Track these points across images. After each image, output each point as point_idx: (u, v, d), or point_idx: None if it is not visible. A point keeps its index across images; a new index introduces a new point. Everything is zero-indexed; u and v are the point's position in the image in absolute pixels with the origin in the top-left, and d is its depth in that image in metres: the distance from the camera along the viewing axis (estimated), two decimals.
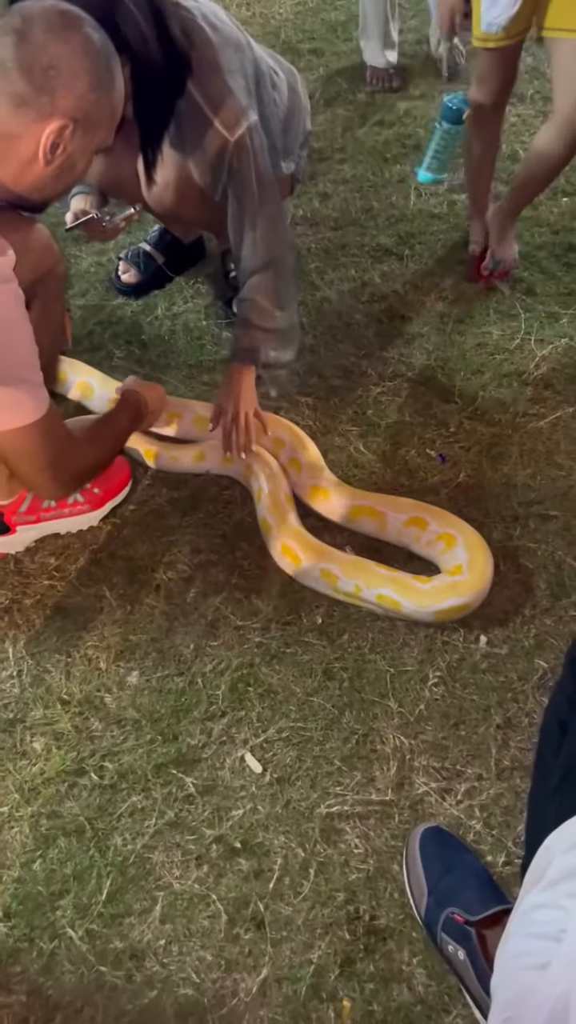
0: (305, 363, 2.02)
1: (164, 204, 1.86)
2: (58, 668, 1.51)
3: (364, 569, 1.56)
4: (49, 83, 1.21)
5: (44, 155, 1.24)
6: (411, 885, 1.25)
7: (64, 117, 1.23)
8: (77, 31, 1.23)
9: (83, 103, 1.24)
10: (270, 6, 3.48)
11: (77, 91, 1.23)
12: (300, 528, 1.64)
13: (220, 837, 1.32)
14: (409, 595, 1.52)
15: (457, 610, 1.52)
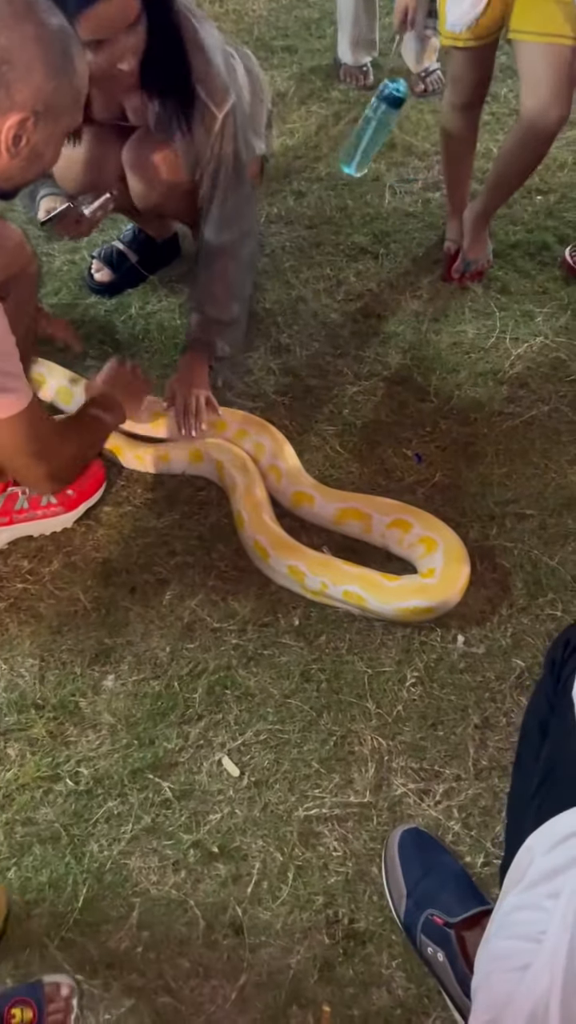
0: (280, 362, 2.01)
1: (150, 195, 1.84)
2: (32, 673, 1.49)
3: (330, 566, 1.56)
4: (3, 78, 1.17)
5: (7, 148, 1.22)
6: (390, 887, 1.25)
7: (23, 110, 1.20)
8: (27, 20, 1.19)
9: (41, 93, 1.20)
10: (243, 2, 3.45)
11: (33, 82, 1.19)
12: (272, 524, 1.63)
13: (197, 842, 1.31)
14: (373, 591, 1.52)
15: (421, 612, 1.52)
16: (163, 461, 1.77)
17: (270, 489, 1.72)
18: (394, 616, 1.53)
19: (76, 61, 1.26)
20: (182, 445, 1.78)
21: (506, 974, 0.90)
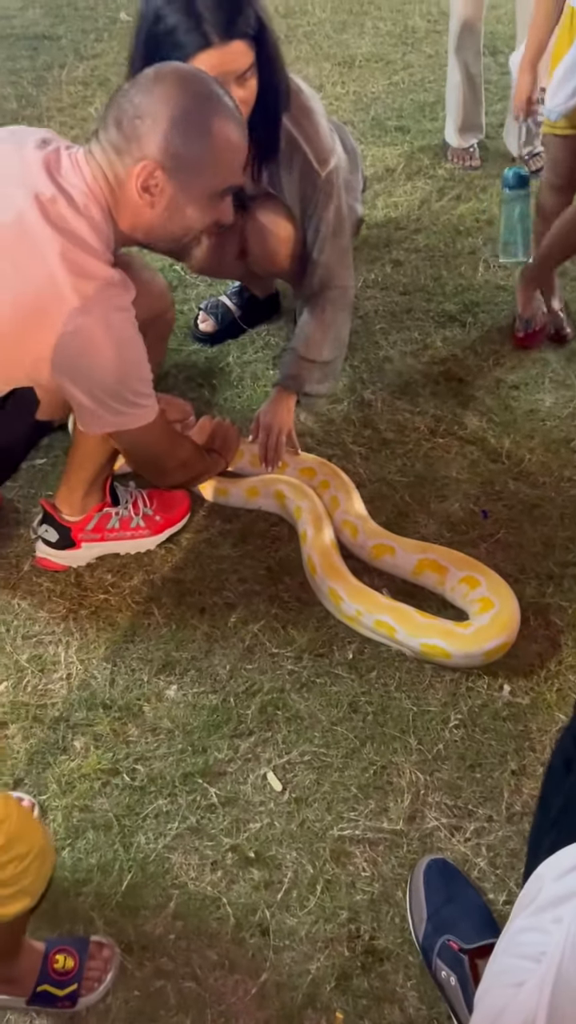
0: (361, 415, 2.14)
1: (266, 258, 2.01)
2: (103, 675, 1.62)
3: (367, 597, 1.66)
4: (136, 131, 1.36)
5: (140, 195, 1.38)
6: (412, 910, 1.31)
7: (151, 159, 1.37)
8: (163, 83, 1.37)
9: (168, 145, 1.36)
10: (364, 84, 3.70)
11: (159, 135, 1.35)
12: (330, 548, 1.75)
13: (236, 846, 1.40)
14: (404, 623, 1.62)
15: (440, 654, 1.60)
16: (251, 497, 1.92)
17: (346, 543, 1.82)
18: (419, 652, 1.62)
19: (215, 123, 1.39)
20: (260, 483, 1.92)
21: (503, 989, 0.96)
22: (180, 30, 1.59)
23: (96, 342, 1.38)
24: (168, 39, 1.60)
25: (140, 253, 1.83)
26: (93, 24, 3.79)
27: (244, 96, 1.69)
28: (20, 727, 1.55)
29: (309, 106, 1.82)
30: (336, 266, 1.95)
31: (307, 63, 3.68)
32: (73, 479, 1.78)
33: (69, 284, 1.34)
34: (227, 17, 1.59)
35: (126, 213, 1.42)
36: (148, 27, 1.63)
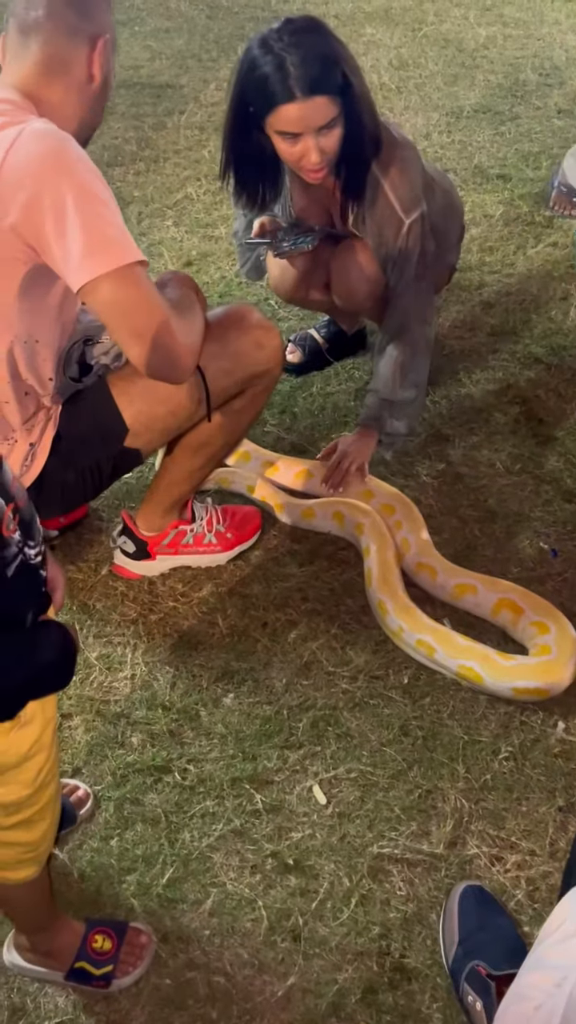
0: (437, 449, 2.17)
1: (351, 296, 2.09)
2: (166, 678, 1.70)
3: (413, 615, 1.69)
4: (88, 8, 1.44)
5: (97, 71, 1.45)
6: (444, 933, 1.31)
7: (104, 32, 1.45)
8: None
9: (110, 19, 1.46)
10: (470, 134, 3.77)
11: (104, 13, 1.46)
12: (391, 564, 1.80)
13: (276, 853, 1.43)
14: (444, 645, 1.64)
15: (473, 678, 1.62)
16: (306, 518, 1.98)
17: (424, 586, 1.84)
18: (455, 673, 1.64)
19: None
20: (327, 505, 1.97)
21: (521, 1011, 0.97)
22: (269, 81, 1.71)
23: (27, 151, 1.34)
24: (258, 87, 1.73)
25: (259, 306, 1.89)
26: (215, 75, 4.00)
27: (325, 145, 1.78)
28: (83, 719, 1.63)
29: (400, 156, 1.89)
30: (416, 311, 2.00)
31: (416, 113, 3.79)
32: (155, 501, 1.87)
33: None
34: (313, 75, 1.70)
35: (69, 100, 1.47)
36: (244, 73, 1.76)
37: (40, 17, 1.42)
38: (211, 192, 3.20)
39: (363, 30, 4.26)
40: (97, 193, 1.37)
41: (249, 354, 1.69)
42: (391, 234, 1.91)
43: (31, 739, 1.01)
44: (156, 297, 1.42)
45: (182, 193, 3.20)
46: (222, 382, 1.67)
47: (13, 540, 0.91)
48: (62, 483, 1.66)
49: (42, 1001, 1.29)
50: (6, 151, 1.35)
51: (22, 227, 1.37)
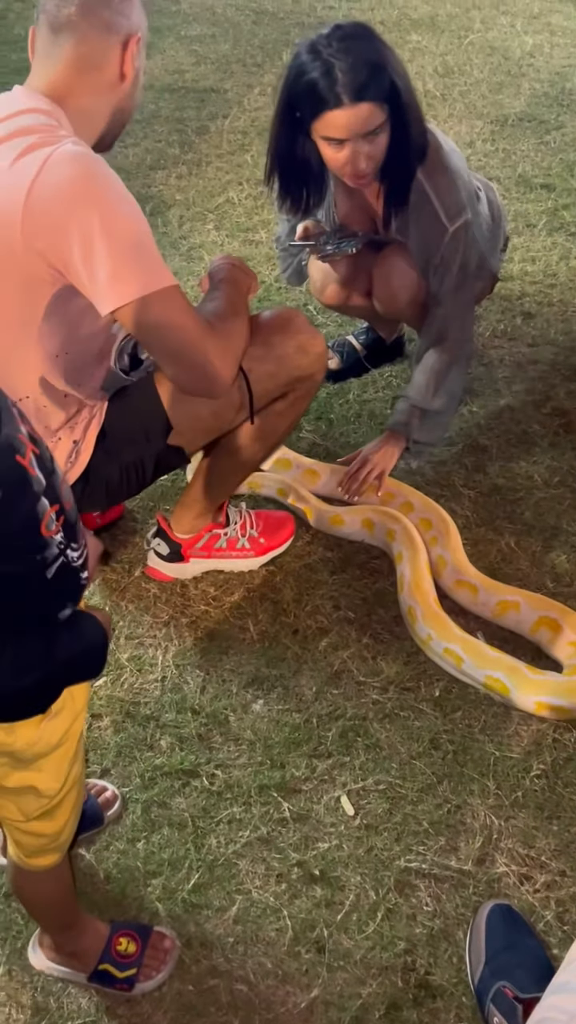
0: (473, 459, 2.15)
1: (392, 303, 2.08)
2: (196, 681, 1.70)
3: (443, 624, 1.68)
4: (122, 6, 1.42)
5: (129, 70, 1.44)
6: (471, 951, 1.29)
7: (137, 31, 1.44)
8: None
9: (143, 16, 1.45)
10: (514, 143, 3.74)
11: (138, 11, 1.44)
12: (424, 571, 1.79)
13: (302, 862, 1.42)
14: (472, 655, 1.64)
15: (501, 688, 1.61)
16: (334, 525, 1.97)
17: (464, 603, 1.81)
18: (482, 684, 1.63)
19: None
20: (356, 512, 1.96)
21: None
22: (317, 87, 1.71)
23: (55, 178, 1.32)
24: (306, 93, 1.73)
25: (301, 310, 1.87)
26: (258, 80, 4.02)
27: (371, 151, 1.78)
28: (113, 720, 1.63)
29: (446, 163, 1.88)
30: (456, 320, 1.99)
31: (460, 120, 3.77)
32: (191, 503, 1.87)
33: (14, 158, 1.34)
34: (360, 81, 1.69)
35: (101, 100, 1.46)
36: (292, 79, 1.75)
37: (73, 15, 1.40)
38: (252, 196, 3.21)
39: (408, 37, 4.25)
40: (126, 218, 1.37)
41: (293, 358, 1.69)
42: (434, 241, 1.90)
43: (62, 729, 1.02)
44: (189, 318, 1.42)
45: (223, 197, 3.22)
46: (265, 385, 1.67)
47: (54, 541, 0.91)
48: (106, 479, 1.67)
49: (65, 1001, 1.29)
50: (36, 174, 1.34)
51: (49, 252, 1.36)
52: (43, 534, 0.90)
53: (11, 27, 4.39)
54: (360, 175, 1.82)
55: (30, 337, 1.46)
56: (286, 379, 1.70)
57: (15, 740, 0.99)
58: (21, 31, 4.32)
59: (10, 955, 1.34)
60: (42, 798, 1.06)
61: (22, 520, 0.87)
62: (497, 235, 2.20)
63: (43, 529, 0.90)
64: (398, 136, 1.79)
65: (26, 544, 0.89)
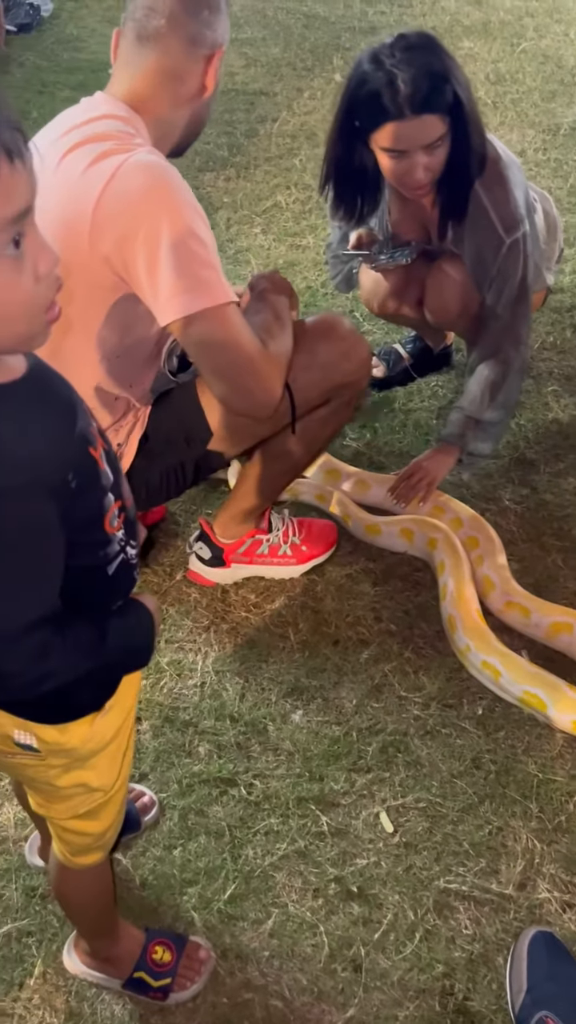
0: (520, 473, 2.12)
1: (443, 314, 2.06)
2: (235, 689, 1.68)
3: (483, 636, 1.67)
4: (211, 18, 1.43)
5: (210, 82, 1.45)
6: (511, 979, 1.26)
7: (222, 44, 1.46)
8: None
9: (227, 29, 1.47)
10: (567, 153, 3.70)
11: (224, 24, 1.46)
12: (467, 580, 1.77)
13: (340, 878, 1.41)
14: (511, 669, 1.62)
15: (538, 704, 1.60)
16: (370, 534, 1.96)
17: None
18: (518, 699, 1.62)
19: None
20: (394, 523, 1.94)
21: None
22: (379, 97, 1.69)
23: (127, 185, 1.33)
24: (367, 103, 1.71)
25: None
26: (308, 84, 4.01)
27: (430, 163, 1.76)
28: (152, 725, 1.63)
29: (504, 174, 1.86)
30: (511, 333, 1.96)
31: (511, 129, 3.73)
32: (234, 508, 1.87)
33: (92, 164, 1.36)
34: (423, 94, 1.67)
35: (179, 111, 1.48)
36: (353, 88, 1.74)
37: (162, 26, 1.41)
38: (300, 201, 3.20)
39: (460, 43, 4.22)
40: (194, 230, 1.37)
41: (337, 365, 1.68)
42: (490, 254, 1.87)
43: (115, 725, 1.02)
44: (243, 337, 1.42)
45: (271, 201, 3.21)
46: (308, 393, 1.66)
47: (116, 537, 0.92)
48: (146, 483, 1.67)
49: (99, 1007, 1.29)
50: (107, 181, 1.35)
51: (115, 258, 1.37)
52: (107, 529, 0.91)
53: (64, 26, 4.42)
54: (418, 186, 1.80)
55: (88, 341, 1.46)
56: (329, 386, 1.68)
57: (69, 739, 0.98)
58: (74, 30, 4.36)
59: (45, 957, 1.33)
60: (95, 793, 1.06)
61: (91, 512, 0.88)
62: (552, 247, 2.17)
63: (107, 525, 0.91)
64: (458, 148, 1.77)
65: (92, 538, 0.90)
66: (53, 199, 1.35)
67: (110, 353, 1.49)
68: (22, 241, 0.74)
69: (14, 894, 1.40)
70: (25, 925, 1.37)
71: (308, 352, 1.64)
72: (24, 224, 0.74)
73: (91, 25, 4.39)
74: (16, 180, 0.72)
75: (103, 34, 4.28)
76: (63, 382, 0.88)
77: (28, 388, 0.82)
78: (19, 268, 0.75)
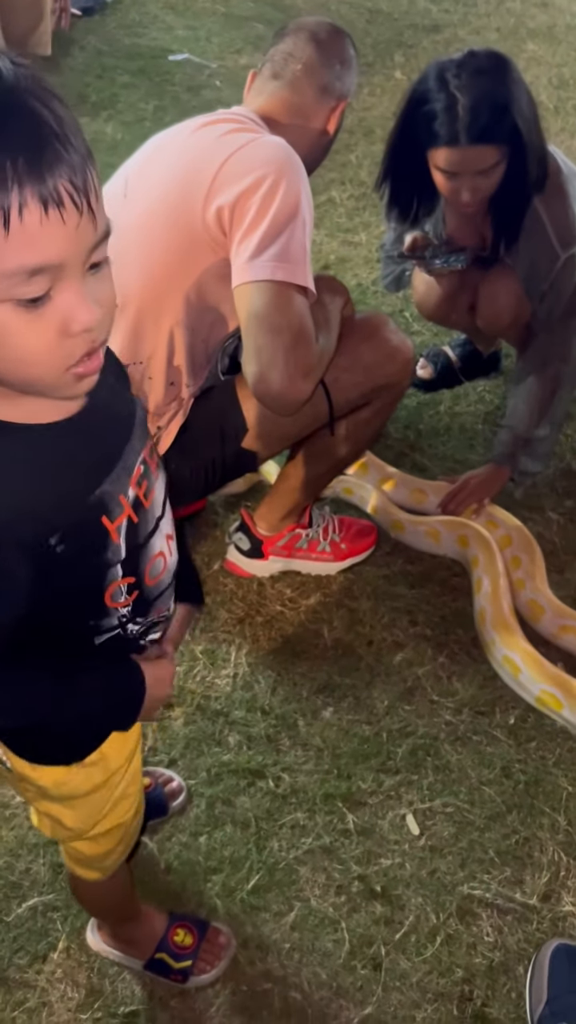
0: (566, 484, 2.10)
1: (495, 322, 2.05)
2: (267, 681, 1.69)
3: (509, 631, 1.69)
4: (342, 72, 1.57)
5: (332, 127, 1.59)
6: (531, 989, 1.26)
7: (349, 95, 1.61)
8: (344, 36, 1.63)
9: (355, 82, 1.62)
10: None
11: (352, 78, 1.61)
12: (502, 574, 1.79)
13: (364, 876, 1.41)
14: (531, 666, 1.63)
15: (554, 703, 1.61)
16: (396, 530, 1.96)
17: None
18: (535, 698, 1.64)
19: None
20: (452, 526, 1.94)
21: None
22: (437, 120, 1.69)
23: (259, 151, 1.44)
24: (424, 122, 1.71)
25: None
26: (368, 80, 3.99)
27: (480, 185, 1.75)
28: (184, 712, 1.64)
29: (564, 188, 1.83)
30: (561, 348, 1.94)
31: (572, 136, 3.69)
32: (274, 502, 1.87)
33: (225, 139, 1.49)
34: (481, 124, 1.67)
35: (302, 144, 1.55)
36: (414, 103, 1.73)
37: (298, 71, 1.55)
38: (355, 197, 3.19)
39: (525, 46, 4.18)
40: (303, 210, 1.42)
41: (380, 366, 1.67)
42: (544, 267, 1.86)
43: (92, 782, 0.98)
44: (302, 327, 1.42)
45: (325, 196, 3.20)
46: (348, 395, 1.66)
47: (116, 613, 0.88)
48: (178, 475, 1.68)
49: (119, 986, 1.30)
50: (243, 145, 1.45)
51: (226, 211, 1.43)
52: (107, 603, 0.86)
53: (127, 11, 4.44)
54: (466, 206, 1.80)
55: (176, 294, 1.51)
56: (371, 387, 1.69)
57: (40, 776, 0.96)
58: (136, 16, 4.37)
59: (69, 933, 1.35)
60: (67, 831, 1.03)
61: (86, 583, 0.83)
62: None
63: (107, 598, 0.86)
64: (513, 174, 1.75)
65: (82, 605, 0.85)
66: (186, 157, 1.51)
67: (189, 323, 1.53)
68: (52, 295, 0.68)
69: (41, 868, 1.42)
70: (51, 900, 1.39)
71: (351, 353, 1.64)
72: (58, 278, 0.67)
73: (153, 12, 4.40)
74: (47, 233, 0.65)
75: (164, 21, 4.30)
76: (119, 434, 0.82)
77: (57, 434, 0.77)
78: (34, 318, 0.68)
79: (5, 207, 0.63)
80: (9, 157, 0.62)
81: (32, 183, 0.63)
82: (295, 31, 1.61)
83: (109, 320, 0.73)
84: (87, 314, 0.69)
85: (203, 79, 3.90)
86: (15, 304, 0.67)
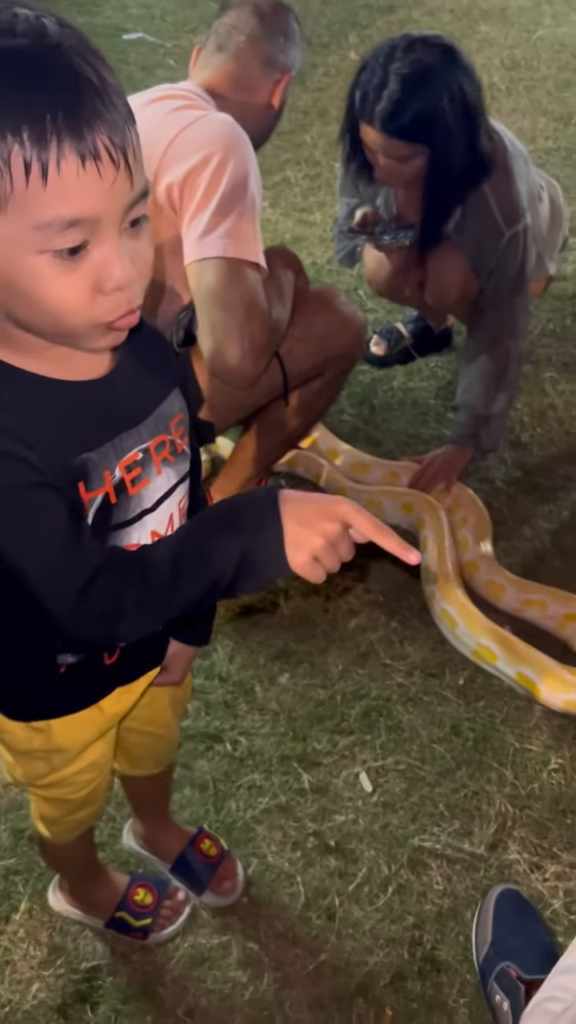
0: (515, 456, 2.16)
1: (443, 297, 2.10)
2: (225, 650, 1.73)
3: (449, 588, 1.75)
4: (286, 45, 1.60)
5: (277, 101, 1.62)
6: (477, 931, 1.32)
7: (293, 68, 1.63)
8: (288, 10, 1.65)
9: (299, 56, 1.65)
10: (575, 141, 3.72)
11: (295, 52, 1.64)
12: (448, 542, 1.84)
13: (319, 832, 1.46)
14: (467, 620, 1.70)
15: (488, 656, 1.66)
16: (374, 508, 2.00)
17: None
18: (473, 651, 1.69)
19: None
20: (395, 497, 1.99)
21: (544, 1014, 0.98)
22: (366, 96, 1.74)
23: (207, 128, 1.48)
24: (359, 93, 1.76)
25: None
26: (323, 60, 4.00)
27: (400, 170, 1.81)
28: None
29: (509, 167, 1.88)
30: (509, 324, 1.99)
31: (523, 116, 3.74)
32: (229, 476, 1.90)
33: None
34: (399, 123, 1.73)
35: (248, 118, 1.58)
36: (358, 72, 1.77)
37: (241, 43, 1.57)
38: (309, 177, 3.21)
39: (477, 27, 4.21)
40: (252, 187, 1.46)
41: (333, 336, 1.71)
42: (490, 244, 1.90)
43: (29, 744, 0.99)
44: (254, 301, 1.45)
45: (280, 176, 3.22)
46: (302, 364, 1.70)
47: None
48: None
49: (81, 943, 1.34)
50: (192, 121, 1.48)
51: (175, 189, 1.46)
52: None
53: None
54: (387, 184, 1.84)
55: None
56: (324, 357, 1.72)
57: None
58: None
59: (31, 895, 1.38)
60: (16, 780, 1.07)
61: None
62: (556, 236, 2.20)
63: None
64: (438, 168, 1.79)
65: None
66: None
67: (149, 302, 1.55)
68: (88, 249, 0.69)
69: (2, 834, 1.45)
70: (13, 864, 1.42)
71: (305, 324, 1.67)
72: (94, 232, 0.69)
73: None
74: (84, 186, 0.66)
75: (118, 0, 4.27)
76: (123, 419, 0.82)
77: (62, 391, 0.78)
78: (69, 270, 0.69)
79: (44, 160, 0.65)
80: (49, 111, 0.64)
81: (70, 137, 0.65)
82: (239, 4, 1.63)
83: (145, 281, 0.75)
84: (120, 269, 0.70)
85: (157, 58, 3.89)
86: (52, 255, 0.69)
